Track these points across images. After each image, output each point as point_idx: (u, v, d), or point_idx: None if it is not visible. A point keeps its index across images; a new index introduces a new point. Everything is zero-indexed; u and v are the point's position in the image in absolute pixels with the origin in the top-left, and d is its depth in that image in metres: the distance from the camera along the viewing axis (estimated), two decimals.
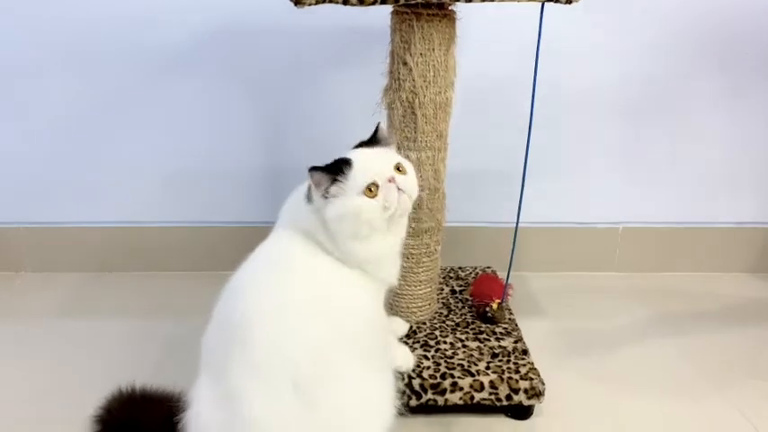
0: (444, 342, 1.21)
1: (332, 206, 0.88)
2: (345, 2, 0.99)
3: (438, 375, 1.11)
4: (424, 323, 1.28)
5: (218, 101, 1.58)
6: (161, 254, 1.69)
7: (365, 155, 0.92)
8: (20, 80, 1.54)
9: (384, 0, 1.00)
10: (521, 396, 1.11)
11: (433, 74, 1.11)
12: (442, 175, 1.20)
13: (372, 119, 1.18)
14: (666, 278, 1.71)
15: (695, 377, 1.29)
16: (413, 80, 1.11)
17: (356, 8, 1.01)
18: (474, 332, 1.25)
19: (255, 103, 1.58)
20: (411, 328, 1.25)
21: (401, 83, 1.12)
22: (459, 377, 1.10)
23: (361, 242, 0.91)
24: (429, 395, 1.10)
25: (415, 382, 1.10)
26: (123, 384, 1.04)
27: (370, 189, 0.88)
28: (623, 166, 1.66)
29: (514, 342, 1.21)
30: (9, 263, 1.69)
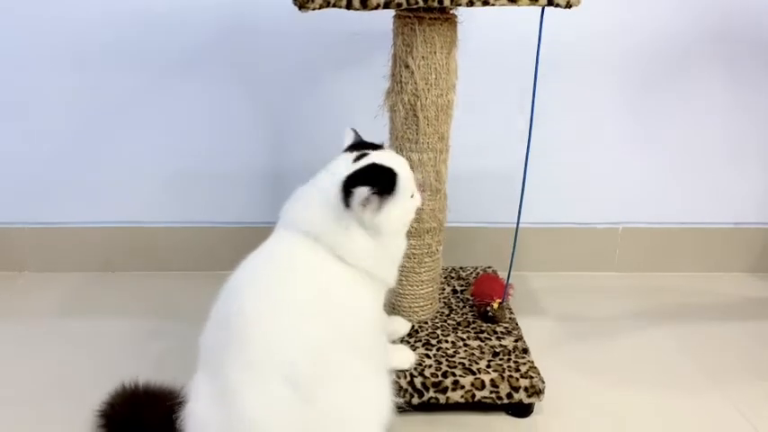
0: (446, 341, 1.22)
1: (384, 213, 0.91)
2: (349, 6, 1.00)
3: (440, 374, 1.12)
4: (426, 322, 1.29)
5: (219, 101, 1.58)
6: (162, 254, 1.70)
7: (392, 160, 0.96)
8: (21, 80, 1.55)
9: (387, 4, 1.01)
10: (521, 394, 1.12)
11: (434, 77, 1.12)
12: (443, 177, 1.21)
13: (374, 121, 1.20)
14: (666, 278, 1.72)
15: (694, 375, 1.30)
16: (415, 83, 1.12)
17: (359, 12, 1.02)
18: (475, 331, 1.26)
19: (257, 104, 1.59)
20: (413, 327, 1.26)
21: (403, 85, 1.13)
22: (461, 375, 1.12)
23: (401, 241, 0.99)
24: (431, 393, 1.11)
25: (417, 381, 1.11)
26: (126, 381, 1.05)
27: (412, 195, 0.97)
28: (623, 167, 1.67)
29: (515, 341, 1.23)
30: (12, 263, 1.69)
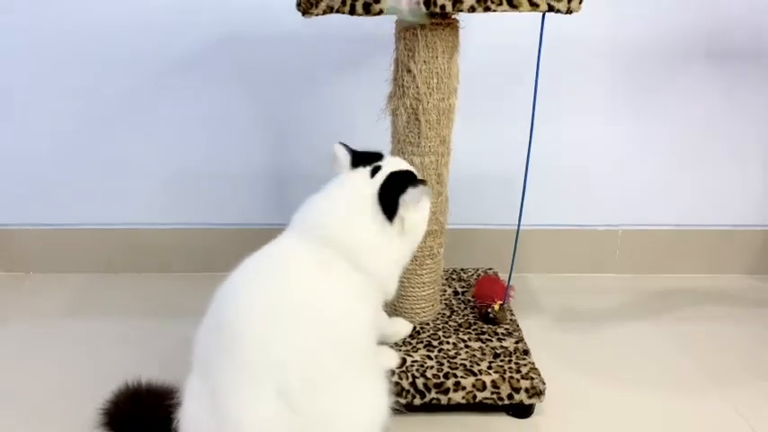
0: (447, 342, 1.23)
1: (423, 210, 0.99)
2: (352, 12, 1.01)
3: (441, 375, 1.13)
4: (428, 324, 1.30)
5: (220, 103, 1.59)
6: (166, 255, 1.71)
7: (405, 163, 1.03)
8: (21, 81, 1.56)
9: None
10: (522, 395, 1.13)
11: (436, 81, 1.13)
12: (445, 180, 1.22)
13: (376, 126, 1.21)
14: (666, 280, 1.73)
15: (694, 376, 1.31)
16: (416, 87, 1.13)
17: (362, 17, 1.03)
18: (476, 333, 1.27)
19: (258, 106, 1.60)
20: (414, 328, 1.27)
21: (405, 90, 1.14)
22: (462, 377, 1.13)
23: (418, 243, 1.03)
24: (432, 394, 1.12)
25: (419, 382, 1.12)
26: (130, 380, 1.07)
27: None
28: (622, 170, 1.67)
29: (516, 342, 1.24)
30: (19, 264, 1.71)
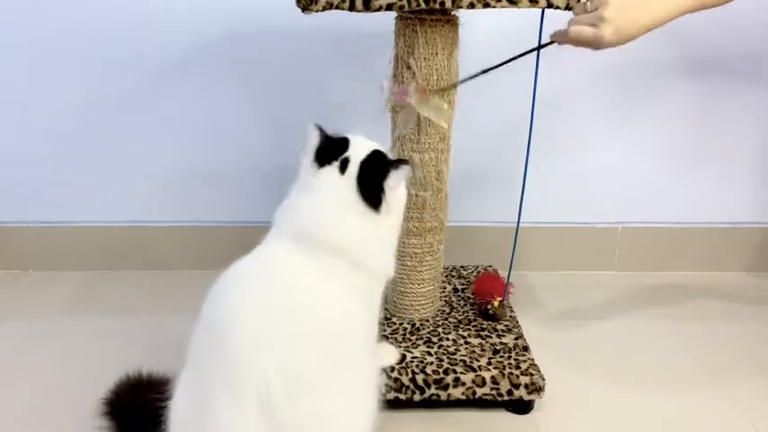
0: (447, 339, 1.23)
1: (402, 188, 0.95)
2: (352, 8, 1.01)
3: (441, 371, 1.13)
4: (428, 320, 1.30)
5: (219, 101, 1.59)
6: (164, 252, 1.71)
7: (371, 143, 0.99)
8: (21, 81, 1.56)
9: (389, 6, 1.02)
10: (521, 391, 1.13)
11: (436, 77, 1.13)
12: (444, 176, 1.22)
13: (375, 121, 1.21)
14: (665, 277, 1.73)
15: (694, 373, 1.32)
16: (416, 83, 1.13)
17: (361, 13, 1.03)
18: (476, 329, 1.27)
19: (258, 104, 1.60)
20: (414, 325, 1.27)
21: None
22: (462, 373, 1.13)
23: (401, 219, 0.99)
24: (432, 390, 1.12)
25: (419, 378, 1.12)
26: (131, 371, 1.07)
27: None
28: (622, 167, 1.68)
29: (515, 339, 1.24)
30: (17, 262, 1.71)
